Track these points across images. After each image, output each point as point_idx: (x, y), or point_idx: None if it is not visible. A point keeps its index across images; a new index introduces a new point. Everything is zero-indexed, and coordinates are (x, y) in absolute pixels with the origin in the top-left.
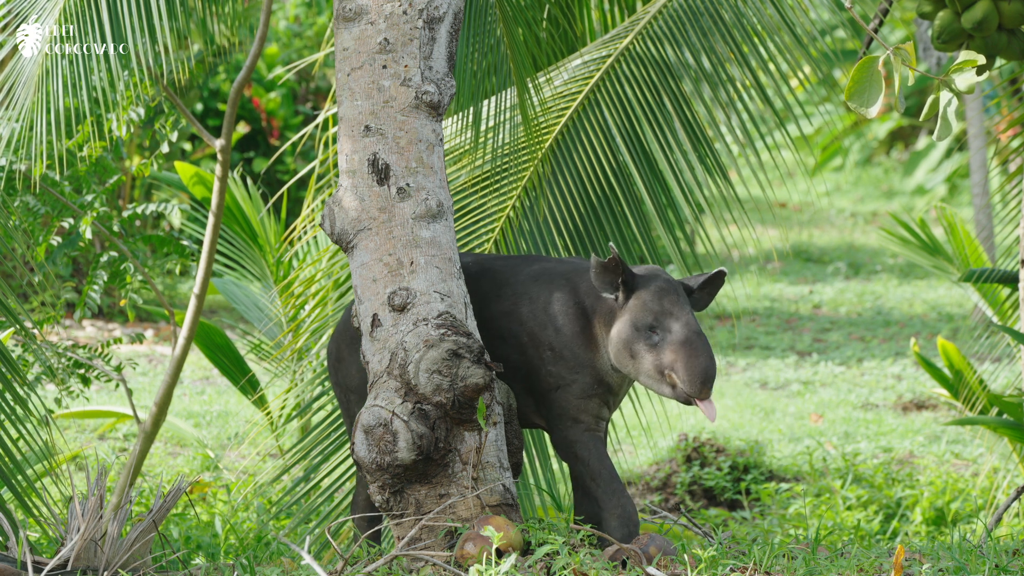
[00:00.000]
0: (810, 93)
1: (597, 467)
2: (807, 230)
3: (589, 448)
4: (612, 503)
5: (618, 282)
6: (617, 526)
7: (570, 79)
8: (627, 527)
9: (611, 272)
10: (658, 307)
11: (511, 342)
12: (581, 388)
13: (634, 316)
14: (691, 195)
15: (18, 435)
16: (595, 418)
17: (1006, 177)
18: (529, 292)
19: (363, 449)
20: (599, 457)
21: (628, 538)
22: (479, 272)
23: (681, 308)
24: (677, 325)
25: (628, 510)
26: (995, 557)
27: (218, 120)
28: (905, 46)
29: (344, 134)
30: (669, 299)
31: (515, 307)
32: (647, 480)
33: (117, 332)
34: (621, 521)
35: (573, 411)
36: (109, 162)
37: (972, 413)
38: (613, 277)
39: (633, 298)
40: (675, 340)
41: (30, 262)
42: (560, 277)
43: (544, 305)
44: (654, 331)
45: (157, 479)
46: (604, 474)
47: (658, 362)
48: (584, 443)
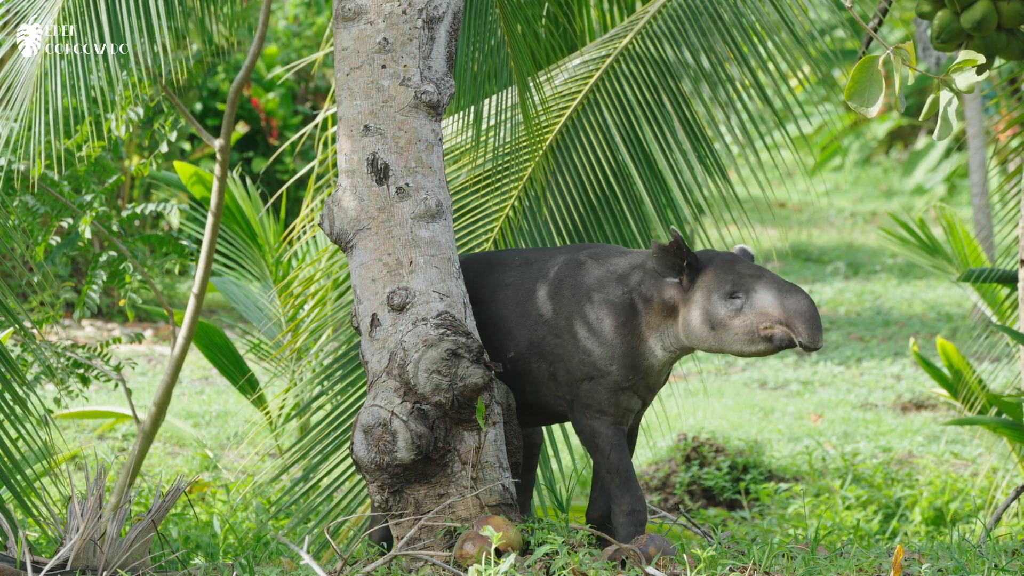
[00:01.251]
0: (809, 93)
1: (616, 461)
2: (806, 230)
3: (612, 442)
4: (625, 499)
5: (682, 265)
6: (624, 522)
7: (569, 79)
8: (634, 525)
9: (674, 255)
10: (733, 274)
11: (551, 325)
12: (614, 381)
13: (710, 289)
14: (690, 195)
15: (17, 435)
16: (623, 411)
17: (1005, 177)
18: (574, 281)
19: (362, 449)
20: (620, 452)
21: (628, 536)
22: (523, 262)
23: (757, 268)
24: (760, 283)
25: (638, 508)
26: (994, 557)
27: (217, 120)
28: (905, 46)
29: (343, 134)
30: (741, 265)
31: (558, 294)
32: (647, 480)
33: (116, 332)
34: (629, 518)
35: (602, 403)
36: (108, 162)
37: (971, 413)
38: (676, 260)
39: (702, 276)
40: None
41: (29, 262)
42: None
43: (588, 295)
44: (735, 296)
45: (156, 479)
46: (622, 470)
47: (748, 322)
48: (607, 436)
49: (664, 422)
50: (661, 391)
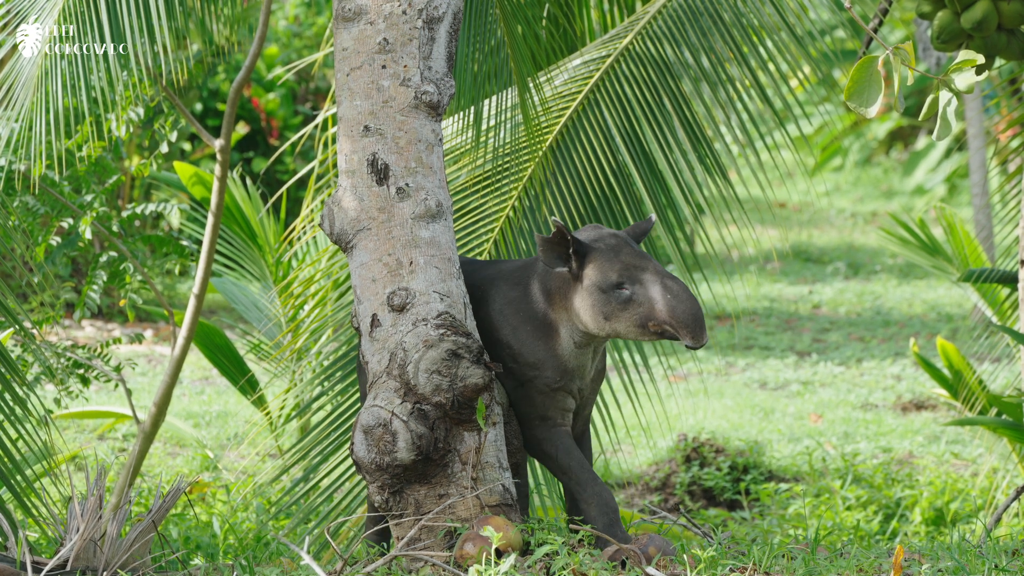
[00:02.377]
0: (810, 93)
1: (565, 461)
2: (807, 230)
3: (555, 444)
4: (587, 493)
5: (568, 253)
6: (597, 515)
7: (570, 79)
8: (607, 514)
9: (558, 245)
10: (619, 263)
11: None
12: (544, 383)
13: (596, 279)
14: (691, 195)
15: (17, 435)
16: (561, 411)
17: (1005, 177)
18: (485, 295)
19: (362, 449)
20: (566, 451)
21: (610, 525)
22: None
23: (643, 257)
24: (647, 275)
25: (604, 496)
26: (994, 557)
27: (217, 120)
28: (904, 46)
29: (343, 134)
30: (626, 252)
31: (475, 308)
32: (647, 480)
33: (116, 332)
34: (600, 509)
35: (539, 408)
36: (108, 162)
37: (971, 413)
38: (562, 250)
39: (589, 263)
40: (653, 291)
41: (29, 262)
42: (508, 276)
43: (499, 306)
44: (622, 287)
45: (156, 479)
46: (573, 466)
47: (637, 316)
48: (550, 439)
49: (664, 422)
50: (661, 390)
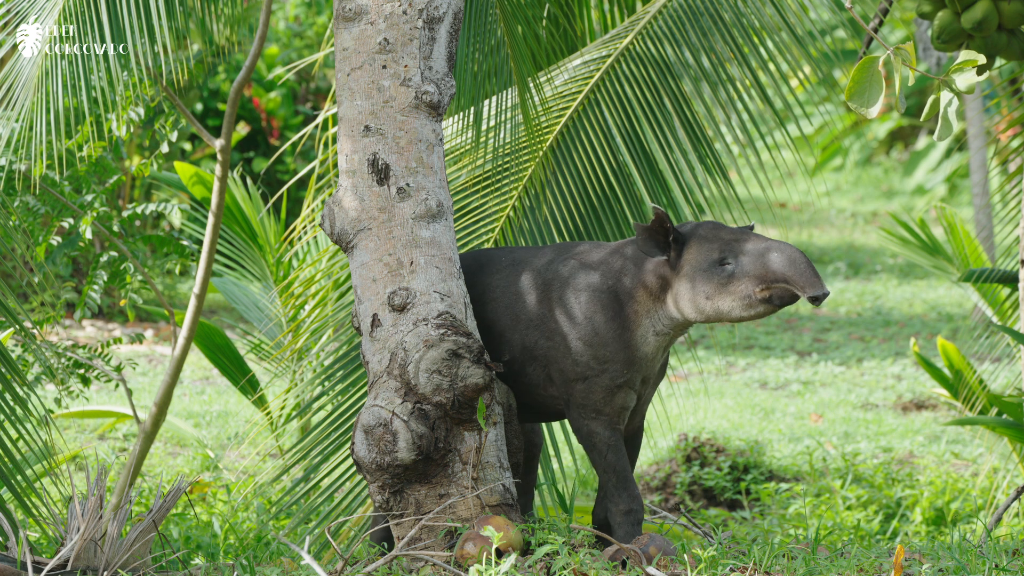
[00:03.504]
0: (810, 93)
1: (613, 461)
2: (807, 230)
3: (608, 442)
4: (622, 499)
5: (667, 241)
6: (622, 522)
7: (570, 79)
8: (632, 524)
9: (658, 233)
10: (719, 241)
11: (542, 328)
12: (610, 378)
13: (698, 260)
14: (691, 195)
15: (18, 435)
16: (620, 409)
17: (1006, 177)
18: (561, 280)
19: (363, 449)
20: (616, 452)
21: (631, 535)
22: (511, 263)
23: (743, 232)
24: (748, 245)
25: (635, 508)
26: (995, 557)
27: (218, 120)
28: (905, 46)
29: (344, 134)
30: (725, 231)
31: (546, 295)
32: (647, 480)
33: (117, 332)
34: (627, 518)
35: (597, 403)
36: (109, 162)
37: (972, 413)
38: (662, 237)
39: (687, 249)
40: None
41: (30, 262)
42: (591, 265)
43: (575, 294)
44: (725, 263)
45: (157, 479)
46: (619, 469)
47: (743, 287)
48: (603, 436)
49: (665, 422)
50: (662, 390)
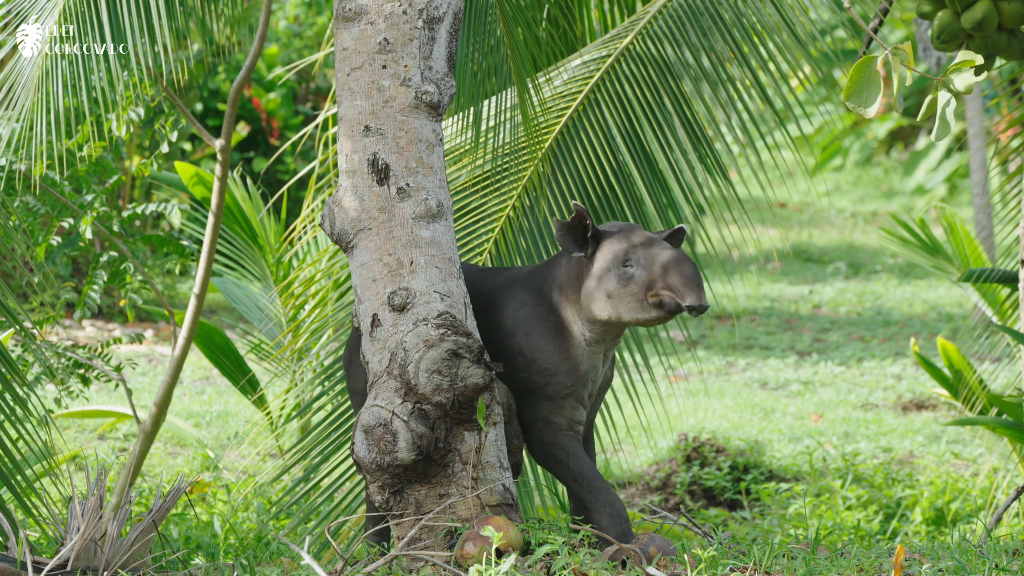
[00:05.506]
0: (810, 93)
1: (577, 468)
2: (807, 230)
3: (565, 449)
4: (600, 501)
5: (586, 237)
6: (609, 524)
7: (570, 79)
8: (619, 524)
9: (577, 229)
10: (627, 243)
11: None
12: (555, 389)
13: (605, 260)
14: (691, 195)
15: (18, 435)
16: (569, 420)
17: (1006, 177)
18: (495, 302)
19: (363, 449)
20: (577, 457)
21: (622, 535)
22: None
23: (652, 238)
24: (653, 250)
25: (616, 506)
26: (995, 557)
27: (218, 120)
28: (903, 46)
29: (344, 134)
30: (636, 234)
31: (485, 317)
32: (647, 480)
33: (117, 332)
34: (612, 519)
35: (547, 413)
36: (109, 162)
37: (972, 413)
38: (580, 234)
39: (600, 248)
40: (652, 261)
41: (30, 262)
42: (520, 280)
43: (511, 311)
44: (628, 264)
45: (157, 479)
46: (585, 473)
47: (636, 288)
48: (560, 444)
49: (664, 422)
50: (662, 390)
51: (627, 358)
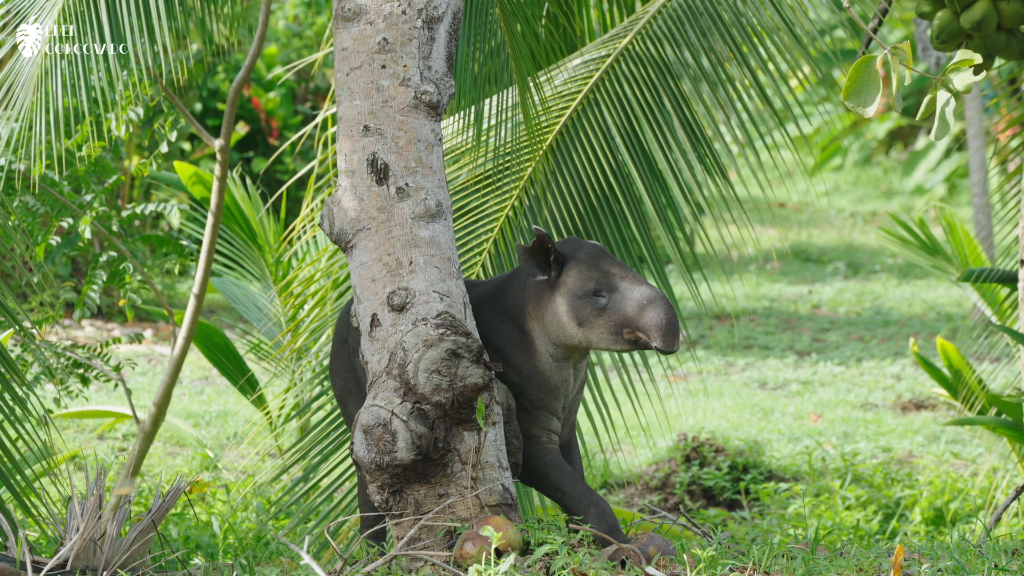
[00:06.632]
0: (809, 93)
1: (557, 477)
2: (806, 230)
3: (544, 460)
4: (583, 504)
5: (548, 261)
6: (596, 525)
7: (569, 79)
8: (606, 523)
9: (539, 253)
10: (597, 271)
11: None
12: (527, 400)
13: (574, 285)
14: (690, 195)
15: (17, 435)
16: (547, 431)
17: (1005, 177)
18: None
19: (362, 449)
20: (556, 466)
21: (611, 532)
22: None
23: (621, 266)
24: (625, 283)
25: (601, 507)
26: (994, 557)
27: (217, 120)
28: (902, 46)
29: (343, 134)
30: (605, 261)
31: None
32: (646, 480)
33: (116, 332)
34: (599, 520)
35: (524, 426)
36: (108, 162)
37: (971, 413)
38: (542, 258)
39: (566, 271)
40: (629, 298)
41: (29, 262)
42: (483, 299)
43: (482, 329)
44: (599, 295)
45: (156, 479)
46: (564, 481)
47: (612, 323)
48: (538, 457)
49: (664, 422)
50: (661, 390)
51: (627, 358)
